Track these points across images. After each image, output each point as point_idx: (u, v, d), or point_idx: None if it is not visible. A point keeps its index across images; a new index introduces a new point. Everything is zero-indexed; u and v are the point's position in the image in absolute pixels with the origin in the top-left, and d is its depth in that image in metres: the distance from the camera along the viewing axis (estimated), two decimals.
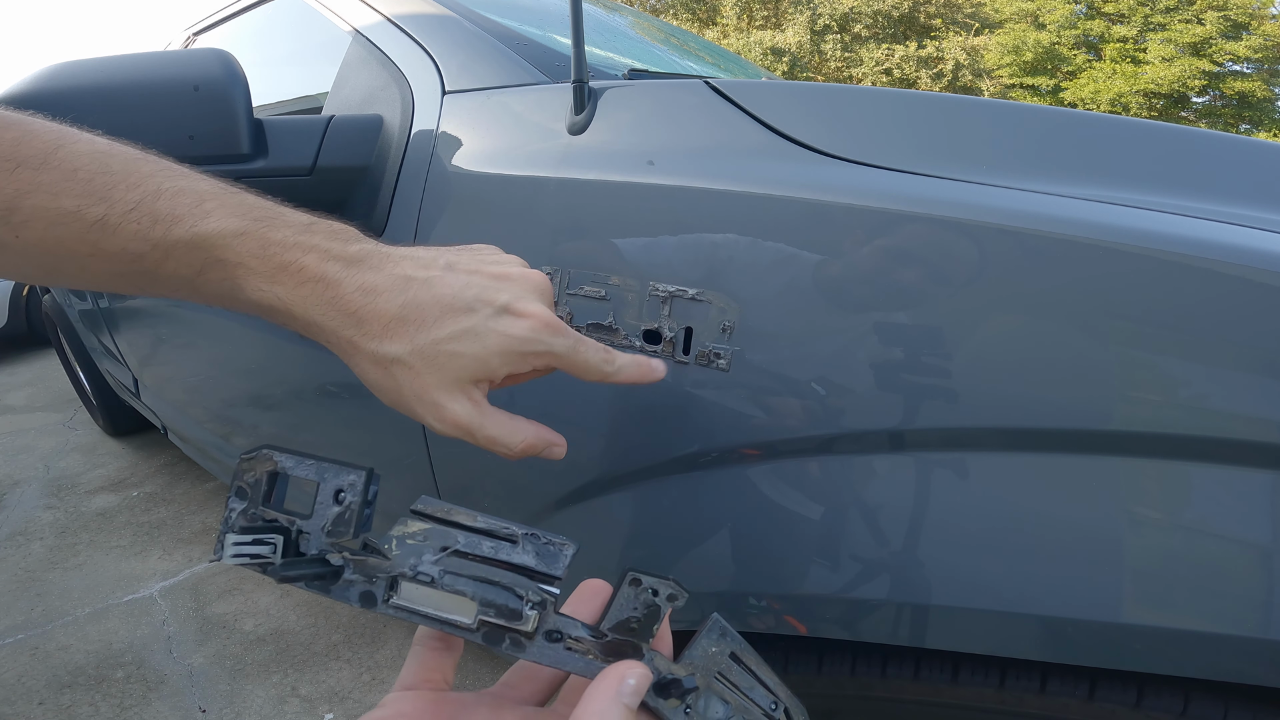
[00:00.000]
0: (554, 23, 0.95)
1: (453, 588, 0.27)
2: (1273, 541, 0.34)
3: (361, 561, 0.28)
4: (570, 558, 0.28)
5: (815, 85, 0.54)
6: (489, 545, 0.28)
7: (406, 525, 0.29)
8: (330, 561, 0.28)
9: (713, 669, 0.30)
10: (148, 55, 0.69)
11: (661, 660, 0.29)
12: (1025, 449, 0.39)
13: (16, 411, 2.78)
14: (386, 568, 0.27)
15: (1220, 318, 0.34)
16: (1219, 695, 0.41)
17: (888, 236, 0.42)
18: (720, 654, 0.30)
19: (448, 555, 0.28)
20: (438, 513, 0.29)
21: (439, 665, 0.30)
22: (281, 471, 0.29)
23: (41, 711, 1.19)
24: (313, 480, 0.29)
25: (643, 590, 0.29)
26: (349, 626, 1.39)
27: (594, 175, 0.55)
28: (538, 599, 0.27)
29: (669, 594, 0.29)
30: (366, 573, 0.28)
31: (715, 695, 0.30)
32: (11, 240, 0.29)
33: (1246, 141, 0.46)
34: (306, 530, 0.28)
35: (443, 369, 0.35)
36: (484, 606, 0.27)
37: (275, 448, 0.29)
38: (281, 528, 0.28)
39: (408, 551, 0.28)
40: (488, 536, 0.28)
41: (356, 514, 0.28)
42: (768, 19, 17.41)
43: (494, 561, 0.28)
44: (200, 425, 1.46)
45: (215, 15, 1.42)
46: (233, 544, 0.28)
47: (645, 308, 0.51)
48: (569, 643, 0.28)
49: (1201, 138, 0.46)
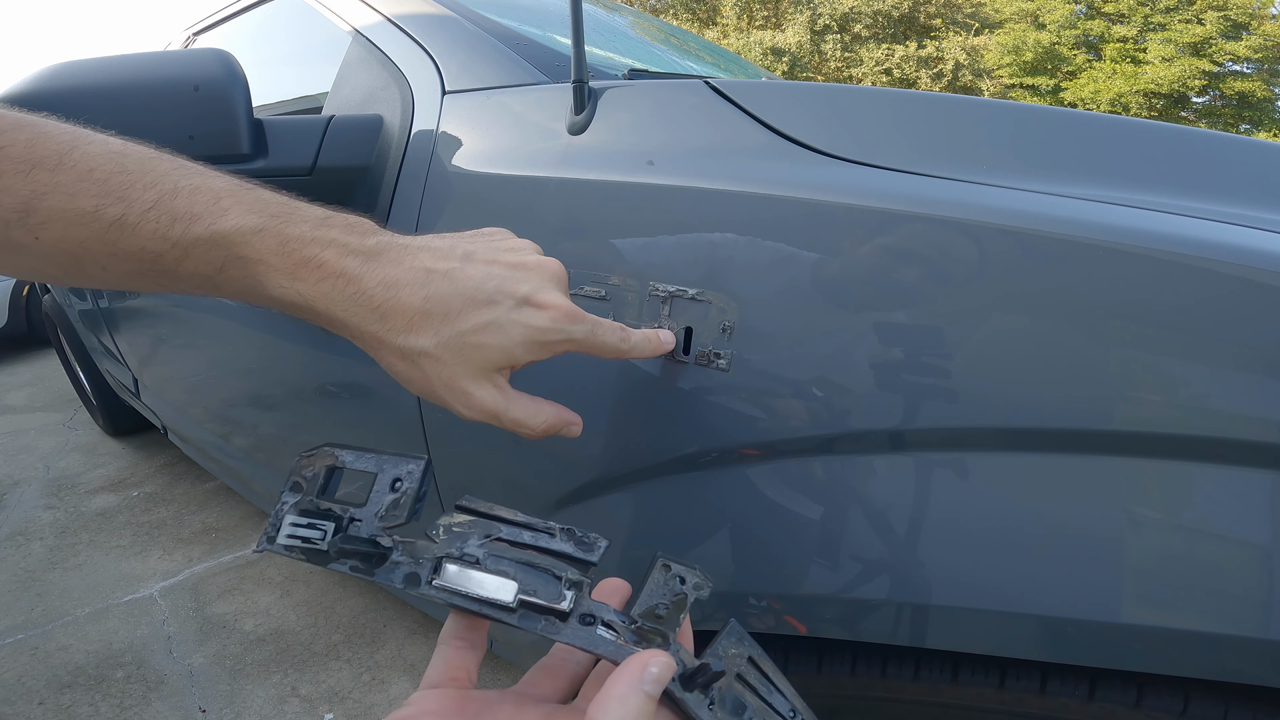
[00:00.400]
0: (554, 23, 0.95)
1: (496, 568, 0.29)
2: (1273, 541, 0.34)
3: (410, 544, 0.29)
4: (604, 549, 0.30)
5: (815, 85, 0.54)
6: (529, 535, 0.30)
7: (453, 517, 0.31)
8: (380, 544, 0.29)
9: (733, 670, 0.31)
10: (148, 55, 0.69)
11: (685, 653, 0.30)
12: (1025, 449, 0.39)
13: (16, 411, 2.78)
14: (434, 550, 0.29)
15: (1220, 318, 0.34)
16: (1219, 695, 0.41)
17: (888, 236, 0.42)
18: (740, 656, 0.31)
19: (491, 541, 0.30)
20: (482, 508, 0.31)
21: (463, 663, 0.30)
22: (340, 466, 0.31)
23: (41, 711, 1.19)
24: (371, 472, 0.31)
25: (671, 577, 0.31)
26: (349, 626, 1.39)
27: (594, 175, 0.55)
28: (575, 579, 0.29)
29: (695, 583, 0.31)
30: (414, 555, 0.29)
31: (736, 695, 0.30)
32: (31, 242, 0.29)
33: (1246, 141, 0.46)
34: (359, 518, 0.30)
35: (469, 360, 0.36)
36: (524, 587, 0.28)
37: (336, 445, 0.32)
38: (335, 515, 0.30)
39: (454, 538, 0.30)
40: (527, 529, 0.30)
41: (411, 499, 0.30)
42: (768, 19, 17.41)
43: (534, 549, 0.30)
44: (200, 425, 1.46)
45: (215, 15, 1.42)
46: (289, 525, 0.29)
47: (645, 308, 0.51)
48: (601, 628, 0.29)
49: (1201, 138, 0.46)
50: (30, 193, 0.28)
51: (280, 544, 0.30)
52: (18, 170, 0.28)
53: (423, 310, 0.35)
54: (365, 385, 0.82)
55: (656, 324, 0.50)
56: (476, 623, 0.32)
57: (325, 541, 0.29)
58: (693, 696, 0.29)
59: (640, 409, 0.53)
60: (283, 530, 0.30)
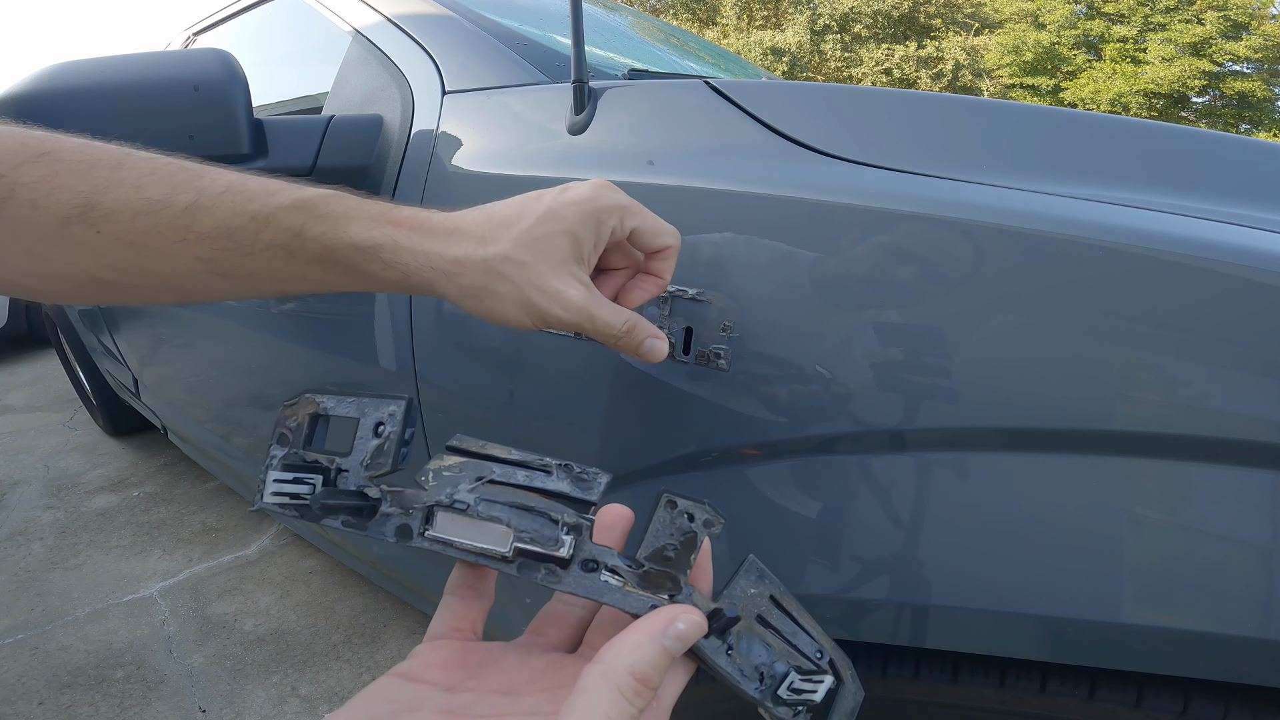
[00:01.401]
0: (554, 23, 0.95)
1: (488, 514, 0.27)
2: (1273, 541, 0.34)
3: (399, 494, 0.28)
4: (605, 485, 0.28)
5: (815, 85, 0.54)
6: (523, 475, 0.28)
7: (443, 459, 0.28)
8: (368, 495, 0.28)
9: (753, 611, 0.28)
10: (148, 55, 0.69)
11: (699, 596, 0.28)
12: (1025, 449, 0.39)
13: (16, 411, 2.78)
14: (423, 499, 0.27)
15: (1220, 318, 0.34)
16: (1219, 695, 0.41)
17: (888, 236, 0.42)
18: (760, 595, 0.29)
19: (483, 484, 0.28)
20: (473, 447, 0.29)
21: (468, 614, 0.29)
22: (323, 413, 0.30)
23: (41, 711, 1.19)
24: (353, 417, 0.29)
25: (678, 514, 0.28)
26: (349, 626, 1.39)
27: (594, 175, 0.55)
28: (573, 522, 0.27)
29: (705, 519, 0.28)
30: (403, 504, 0.27)
31: (756, 638, 0.28)
32: (92, 236, 0.30)
33: (1246, 141, 0.46)
34: (345, 468, 0.28)
35: (548, 255, 0.37)
36: (519, 533, 0.26)
37: (318, 391, 0.30)
38: (322, 467, 0.28)
39: (444, 483, 0.28)
40: (522, 468, 0.28)
41: (396, 444, 0.28)
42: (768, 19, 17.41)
43: (529, 489, 0.28)
44: (200, 425, 1.46)
45: (215, 15, 1.42)
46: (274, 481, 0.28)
47: (645, 307, 0.51)
48: (605, 573, 0.27)
49: (1201, 138, 0.46)
50: (91, 188, 0.30)
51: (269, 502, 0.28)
52: (73, 170, 0.29)
53: (489, 223, 0.37)
54: (366, 385, 0.82)
55: (656, 324, 0.50)
56: (483, 572, 0.30)
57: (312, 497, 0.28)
58: (710, 643, 0.27)
59: (640, 409, 0.53)
60: (268, 488, 0.28)
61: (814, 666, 0.29)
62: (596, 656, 0.23)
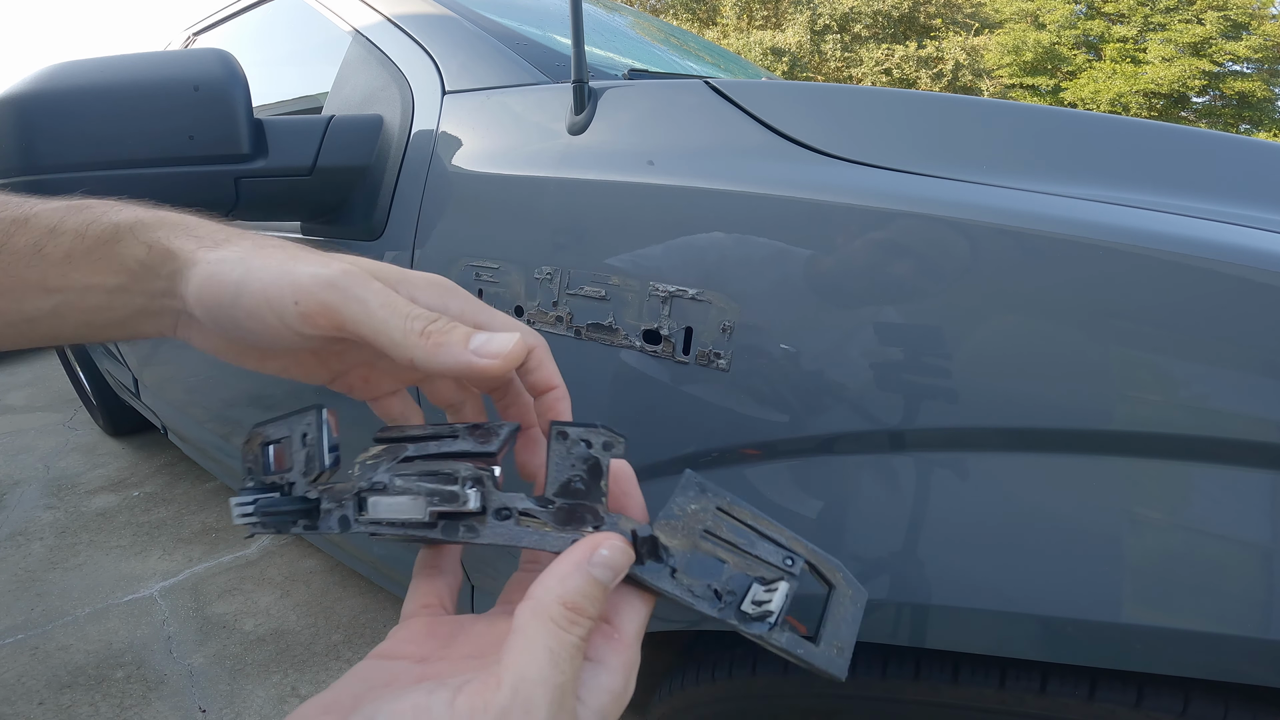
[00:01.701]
0: (554, 23, 0.95)
1: (404, 488, 0.27)
2: (1273, 541, 0.34)
3: (331, 489, 0.29)
4: (506, 434, 0.28)
5: (815, 85, 0.54)
6: (434, 445, 0.29)
7: (369, 450, 0.30)
8: (307, 497, 0.29)
9: (697, 527, 0.27)
10: (148, 55, 0.69)
11: (627, 521, 0.27)
12: (1025, 449, 0.39)
13: (16, 411, 2.78)
14: (351, 488, 0.28)
15: (1220, 318, 0.34)
16: (1219, 695, 0.40)
17: (887, 236, 0.42)
18: (703, 510, 0.28)
19: (398, 463, 0.28)
20: (394, 434, 0.30)
21: (434, 591, 0.30)
22: (267, 440, 0.32)
23: (41, 711, 1.19)
24: (288, 435, 0.31)
25: (573, 444, 0.28)
26: (349, 626, 1.39)
27: (594, 175, 0.55)
28: (471, 475, 0.27)
29: (603, 442, 0.27)
30: (337, 498, 0.29)
31: (705, 555, 0.27)
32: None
33: (1246, 141, 0.46)
34: (293, 480, 0.30)
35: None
36: (429, 498, 0.27)
37: (261, 423, 0.32)
38: (277, 485, 0.30)
39: (367, 470, 0.29)
40: (433, 439, 0.29)
41: (319, 448, 0.30)
42: (768, 19, 17.41)
43: (437, 456, 0.28)
44: (200, 425, 1.46)
45: (215, 15, 1.42)
46: (235, 506, 0.30)
47: (645, 308, 0.51)
48: (519, 518, 0.27)
49: (1201, 138, 0.46)
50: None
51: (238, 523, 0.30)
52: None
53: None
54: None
55: (656, 324, 0.50)
56: (441, 549, 0.31)
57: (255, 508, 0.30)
58: (650, 568, 0.26)
59: (640, 409, 0.53)
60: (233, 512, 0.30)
61: (780, 574, 0.27)
62: (527, 594, 0.23)
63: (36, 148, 0.64)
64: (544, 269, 0.57)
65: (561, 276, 0.55)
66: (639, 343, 0.51)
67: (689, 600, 0.26)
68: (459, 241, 0.66)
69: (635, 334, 0.52)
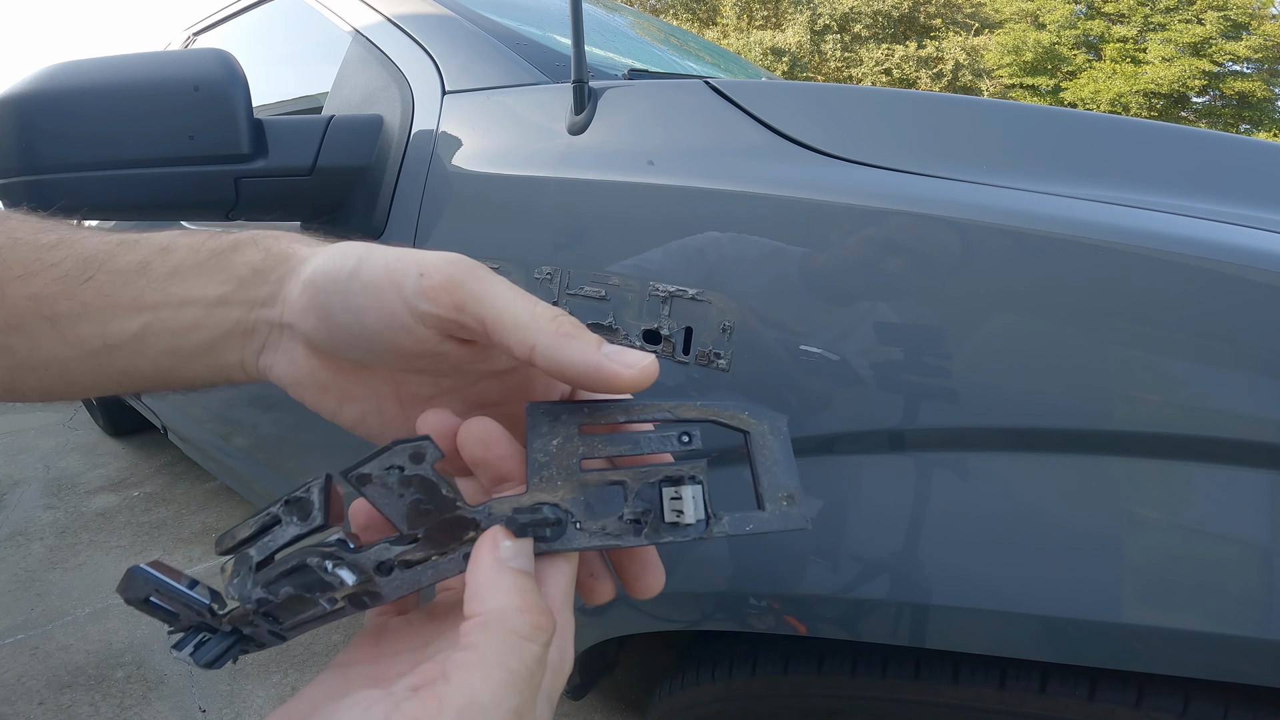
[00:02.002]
0: (554, 23, 0.95)
1: (283, 595, 0.24)
2: (1273, 541, 0.34)
3: (233, 616, 0.26)
4: (319, 496, 0.25)
5: (815, 85, 0.54)
6: (267, 540, 0.25)
7: (225, 568, 0.26)
8: (227, 631, 0.26)
9: (573, 462, 0.24)
10: (148, 55, 0.69)
11: (502, 503, 0.24)
12: (1025, 449, 0.39)
13: (16, 411, 2.78)
14: (242, 614, 0.25)
15: (1220, 318, 0.34)
16: (1219, 695, 0.41)
17: (887, 236, 0.42)
18: (567, 440, 0.24)
19: (256, 573, 0.25)
20: (230, 542, 0.27)
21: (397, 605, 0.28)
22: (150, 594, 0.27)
23: (41, 711, 1.19)
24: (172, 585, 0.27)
25: (382, 482, 0.24)
26: (349, 626, 1.39)
27: (594, 175, 0.55)
28: (323, 558, 0.24)
29: (410, 454, 0.23)
30: (248, 622, 0.26)
31: (596, 487, 0.24)
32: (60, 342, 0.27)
33: (1246, 141, 0.46)
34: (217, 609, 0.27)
35: None
36: (309, 595, 0.24)
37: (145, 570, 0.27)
38: (204, 625, 0.27)
39: (238, 589, 0.25)
40: (264, 533, 0.26)
41: (188, 596, 0.26)
42: (768, 19, 17.41)
43: (281, 553, 0.25)
44: (200, 425, 1.46)
45: (215, 15, 1.42)
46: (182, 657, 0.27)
47: (645, 308, 0.51)
48: (399, 565, 0.24)
49: (1201, 138, 0.46)
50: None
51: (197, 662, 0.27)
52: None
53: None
54: None
55: (656, 324, 0.50)
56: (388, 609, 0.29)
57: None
58: (552, 539, 0.23)
59: None
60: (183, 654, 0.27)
61: (685, 457, 0.24)
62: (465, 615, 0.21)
63: (36, 148, 0.64)
64: (544, 269, 0.57)
65: (561, 276, 0.55)
66: (639, 343, 0.51)
67: (611, 544, 0.24)
68: (459, 241, 0.66)
69: (635, 334, 0.52)
